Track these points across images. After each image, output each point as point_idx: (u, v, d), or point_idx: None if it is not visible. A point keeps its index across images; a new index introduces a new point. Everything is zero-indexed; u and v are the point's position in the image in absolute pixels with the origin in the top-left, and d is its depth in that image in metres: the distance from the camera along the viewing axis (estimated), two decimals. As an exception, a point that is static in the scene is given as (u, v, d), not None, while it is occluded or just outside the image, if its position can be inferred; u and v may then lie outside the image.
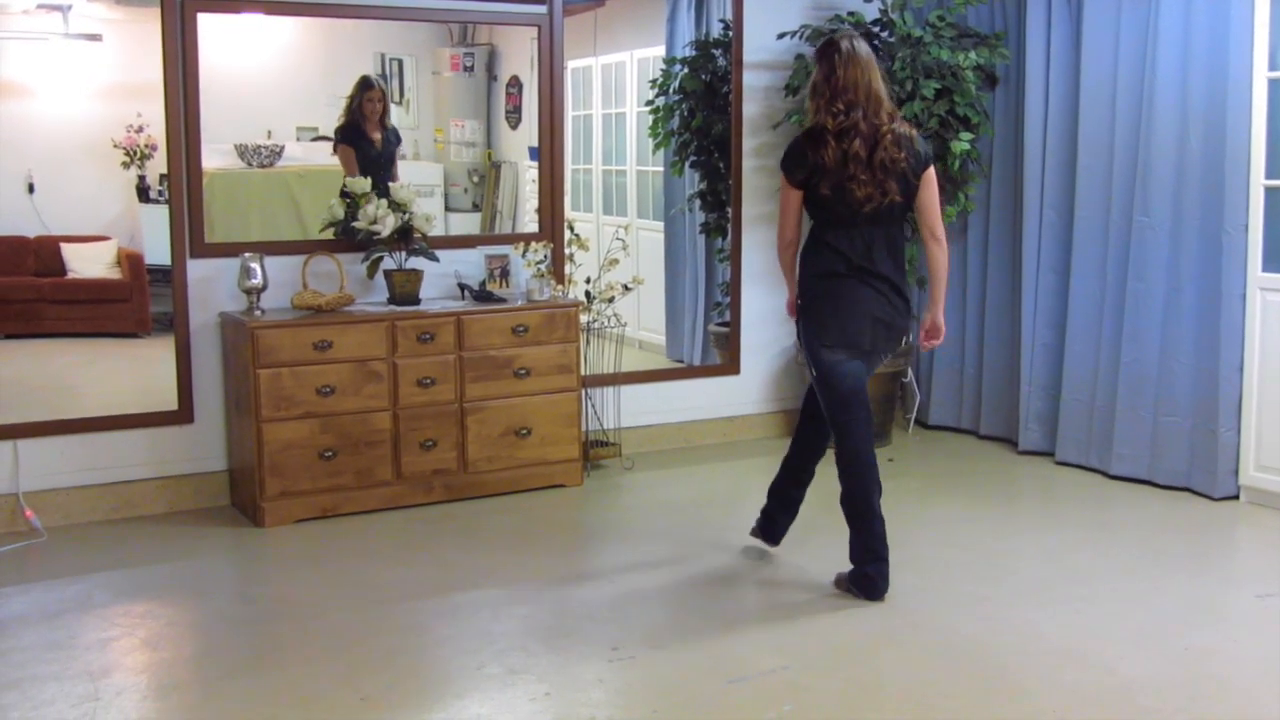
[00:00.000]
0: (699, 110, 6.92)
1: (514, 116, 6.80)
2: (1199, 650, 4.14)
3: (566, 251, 6.30)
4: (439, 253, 5.83)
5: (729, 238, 6.87)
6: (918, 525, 5.47)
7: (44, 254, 6.24)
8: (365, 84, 6.18)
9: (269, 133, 6.19)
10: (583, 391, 6.07)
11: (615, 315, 6.33)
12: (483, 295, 5.90)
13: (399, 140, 6.34)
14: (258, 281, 5.44)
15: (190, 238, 5.55)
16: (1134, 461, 6.03)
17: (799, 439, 4.83)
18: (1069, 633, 4.26)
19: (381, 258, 5.74)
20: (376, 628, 4.31)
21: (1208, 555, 5.20)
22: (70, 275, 6.30)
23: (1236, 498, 5.71)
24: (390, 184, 5.79)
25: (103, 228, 6.33)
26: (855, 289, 4.46)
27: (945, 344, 7.05)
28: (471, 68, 6.72)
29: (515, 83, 6.74)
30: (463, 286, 5.96)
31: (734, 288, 6.83)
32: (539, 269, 5.93)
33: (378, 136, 6.19)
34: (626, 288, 6.30)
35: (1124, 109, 6.01)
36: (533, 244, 5.98)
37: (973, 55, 6.33)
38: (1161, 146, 5.84)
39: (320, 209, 5.83)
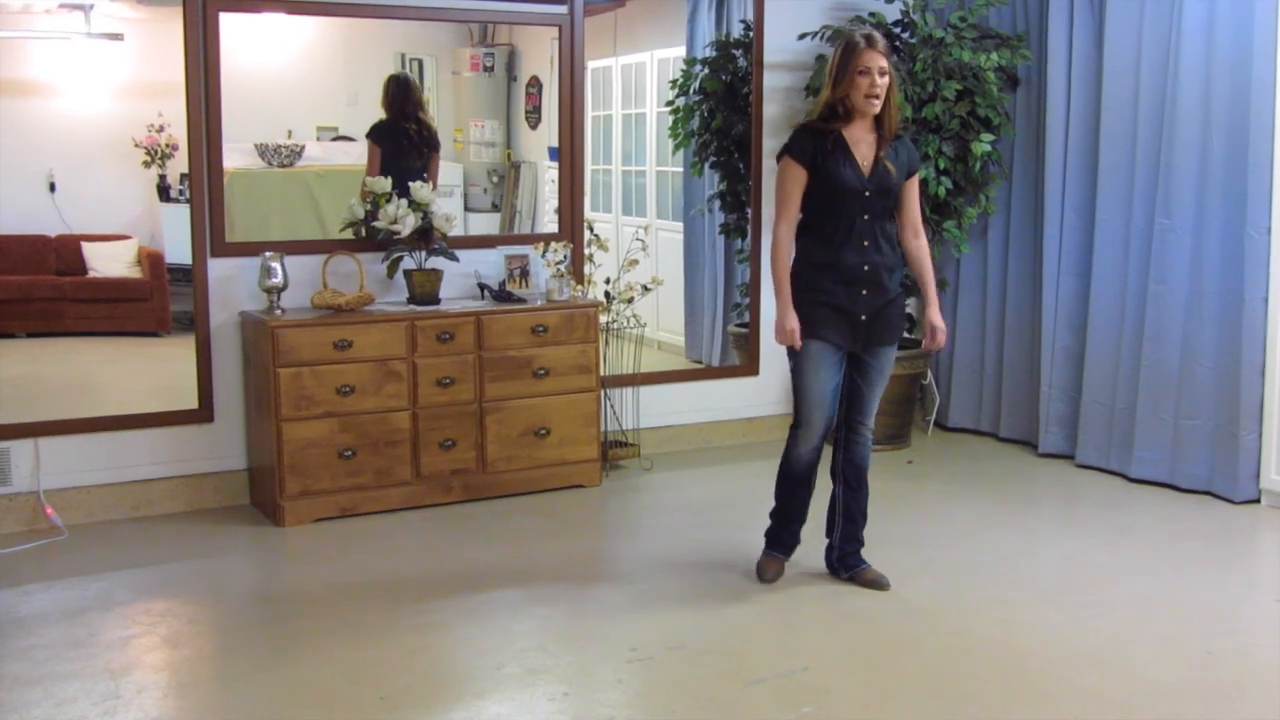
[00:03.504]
0: (719, 111, 6.91)
1: (534, 116, 6.80)
2: (1220, 655, 4.12)
3: (586, 252, 6.30)
4: (459, 252, 5.83)
5: (748, 239, 6.87)
6: (937, 528, 5.46)
7: (65, 253, 6.25)
8: None
9: (289, 132, 6.20)
10: (602, 392, 6.07)
11: (634, 316, 6.33)
12: (502, 295, 5.90)
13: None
14: (278, 281, 5.45)
15: (211, 237, 5.57)
16: (1155, 465, 6.01)
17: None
18: (1089, 636, 4.25)
19: (401, 257, 5.75)
20: (395, 627, 4.32)
21: (1229, 559, 5.17)
22: (91, 274, 6.31)
23: (1258, 501, 5.68)
24: (410, 183, 5.81)
25: (123, 227, 6.33)
26: None
27: (966, 345, 7.06)
28: (491, 68, 6.72)
29: (535, 83, 6.74)
30: (482, 286, 5.97)
31: (753, 289, 6.82)
32: (558, 269, 5.93)
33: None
34: (646, 288, 6.30)
35: (1146, 110, 5.98)
36: (552, 244, 5.98)
37: (994, 56, 6.31)
38: (1184, 148, 5.81)
39: (340, 208, 5.84)
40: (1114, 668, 4.00)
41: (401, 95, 6.21)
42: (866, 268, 4.48)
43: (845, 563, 4.73)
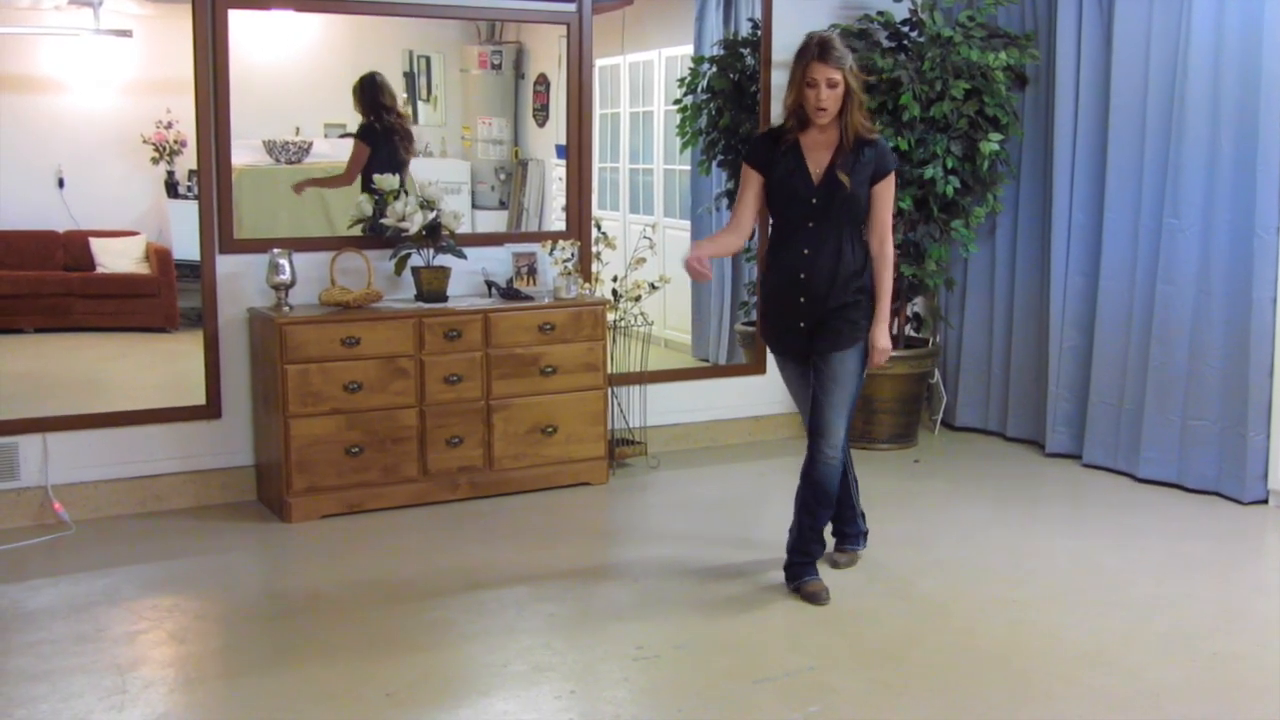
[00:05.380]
0: (727, 109, 6.91)
1: (541, 114, 6.80)
2: (1226, 656, 4.12)
3: (593, 250, 6.30)
4: (466, 250, 5.84)
5: (755, 238, 6.86)
6: (944, 527, 5.46)
7: (73, 249, 6.27)
8: None
9: (297, 129, 6.21)
10: (609, 390, 6.07)
11: (641, 314, 6.33)
12: (510, 293, 5.91)
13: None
14: (286, 277, 5.46)
15: (219, 233, 5.57)
16: (1162, 465, 6.00)
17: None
18: (1095, 637, 4.24)
19: (409, 255, 5.75)
20: (402, 624, 4.32)
21: (1236, 560, 5.16)
22: (99, 270, 6.33)
23: (1265, 502, 5.67)
24: (417, 180, 5.82)
25: (132, 223, 6.35)
26: None
27: (973, 344, 7.06)
28: (499, 65, 6.73)
29: (543, 80, 6.75)
30: (490, 284, 5.97)
31: (760, 287, 6.81)
32: (566, 267, 5.93)
33: None
34: (653, 286, 6.30)
35: (1155, 110, 5.97)
36: (560, 242, 5.98)
37: (1003, 55, 6.30)
38: (1193, 148, 5.80)
39: (348, 205, 5.85)
40: (1120, 668, 4.00)
41: (372, 94, 6.14)
42: (803, 275, 4.39)
43: (790, 572, 4.61)
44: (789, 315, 4.47)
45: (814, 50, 4.28)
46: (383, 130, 6.18)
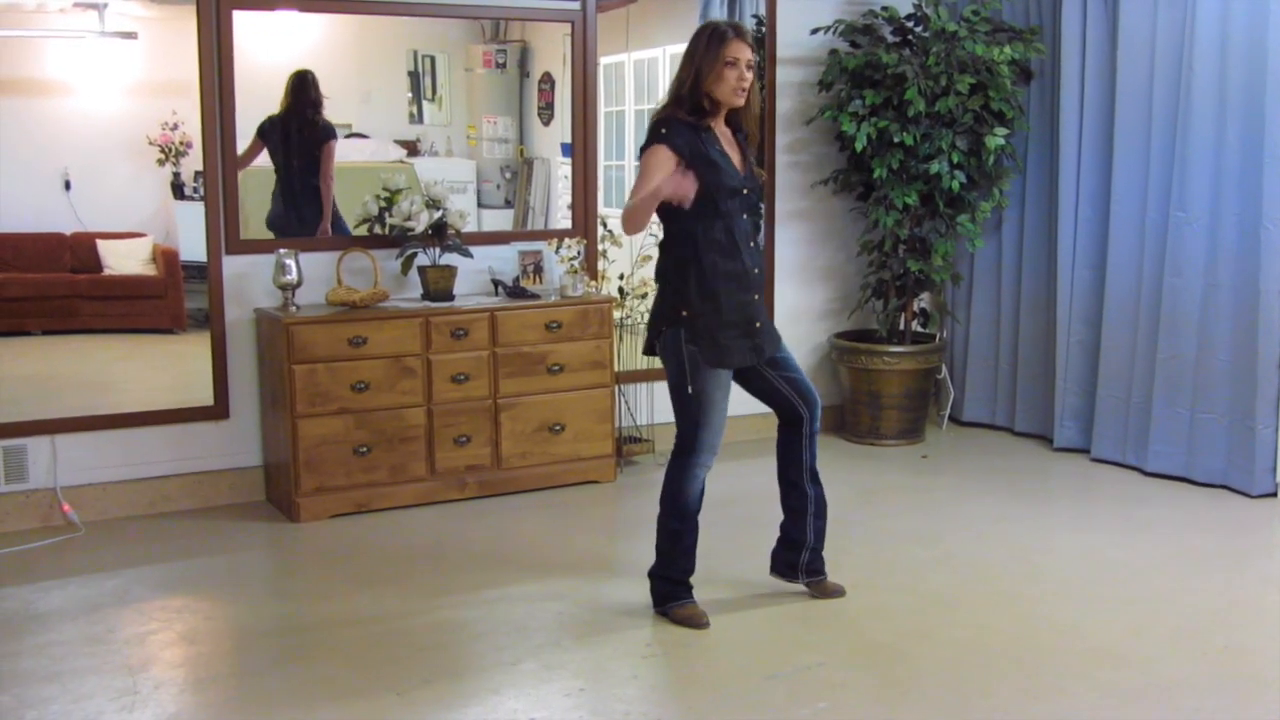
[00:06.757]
0: (732, 106, 6.89)
1: (546, 113, 6.80)
2: (1237, 649, 4.11)
3: (600, 248, 6.30)
4: (472, 249, 5.84)
5: (762, 234, 6.85)
6: (952, 522, 5.45)
7: (80, 250, 6.27)
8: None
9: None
10: (616, 387, 6.07)
11: (648, 311, 6.32)
12: (516, 291, 5.91)
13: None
14: (292, 278, 5.46)
15: (225, 234, 5.58)
16: (1170, 458, 5.99)
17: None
18: (1105, 631, 4.24)
19: (415, 254, 5.76)
20: (411, 623, 4.33)
21: (1245, 553, 5.15)
22: (106, 272, 6.33)
23: (1274, 495, 5.66)
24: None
25: (138, 224, 6.35)
26: None
27: (980, 339, 7.04)
28: (504, 64, 6.73)
29: (548, 79, 6.74)
30: (496, 282, 5.97)
31: (768, 284, 6.81)
32: (572, 265, 5.93)
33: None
34: (659, 284, 6.29)
35: (1160, 102, 5.96)
36: (566, 240, 5.98)
37: (1008, 50, 6.29)
38: (1199, 140, 5.79)
39: (354, 205, 5.85)
40: (1129, 661, 3.99)
41: (302, 90, 6.05)
42: (757, 270, 4.24)
43: (812, 567, 4.55)
44: (749, 319, 4.24)
45: (730, 31, 4.07)
46: (282, 126, 6.02)
